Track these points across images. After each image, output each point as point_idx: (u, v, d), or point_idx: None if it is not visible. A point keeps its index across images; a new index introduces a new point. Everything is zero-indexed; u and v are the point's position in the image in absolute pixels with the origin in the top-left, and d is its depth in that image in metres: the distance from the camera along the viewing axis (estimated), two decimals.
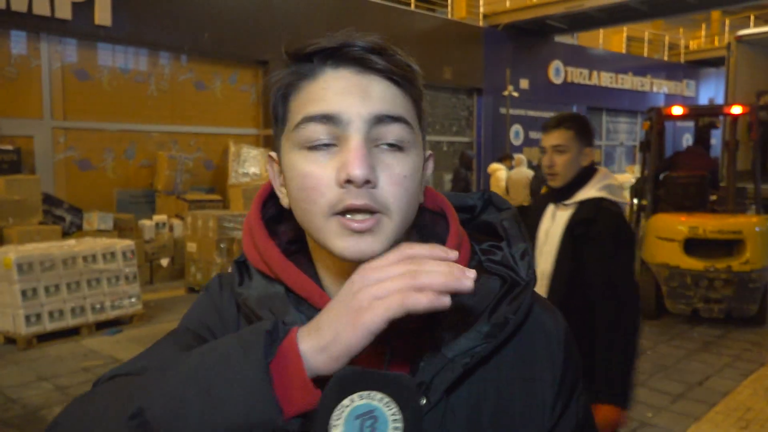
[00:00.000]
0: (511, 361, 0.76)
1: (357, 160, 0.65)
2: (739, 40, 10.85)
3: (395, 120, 0.68)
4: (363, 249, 0.68)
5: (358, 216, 0.67)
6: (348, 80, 0.68)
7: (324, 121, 0.67)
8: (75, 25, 8.56)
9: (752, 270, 5.92)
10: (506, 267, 0.77)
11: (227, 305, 0.81)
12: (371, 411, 0.64)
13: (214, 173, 10.47)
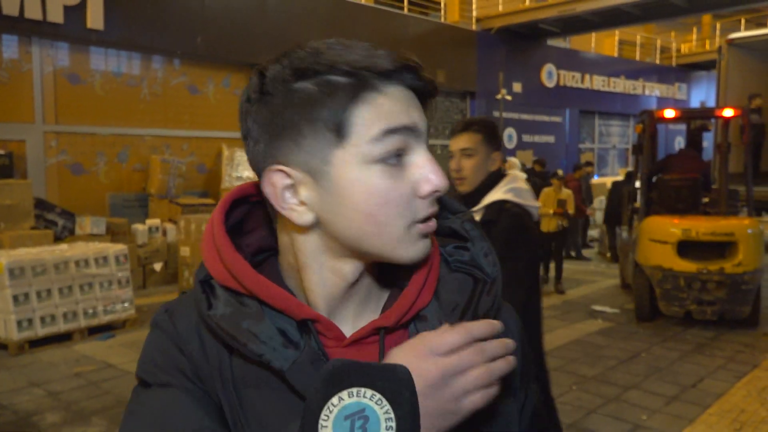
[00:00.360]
0: None
1: (439, 171, 0.69)
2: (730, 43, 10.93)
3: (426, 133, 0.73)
4: (427, 246, 0.72)
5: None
6: (407, 95, 0.70)
7: (406, 133, 0.68)
8: (67, 29, 8.53)
9: (745, 272, 5.95)
10: (474, 266, 0.79)
11: (187, 338, 0.74)
12: (362, 410, 0.62)
13: (207, 177, 10.44)
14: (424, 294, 0.74)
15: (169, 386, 0.73)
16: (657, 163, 7.37)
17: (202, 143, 10.37)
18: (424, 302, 0.74)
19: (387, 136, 0.66)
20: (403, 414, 0.62)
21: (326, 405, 0.62)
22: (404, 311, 0.72)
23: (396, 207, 0.67)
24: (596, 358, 5.41)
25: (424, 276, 0.75)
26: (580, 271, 9.93)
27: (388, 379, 0.63)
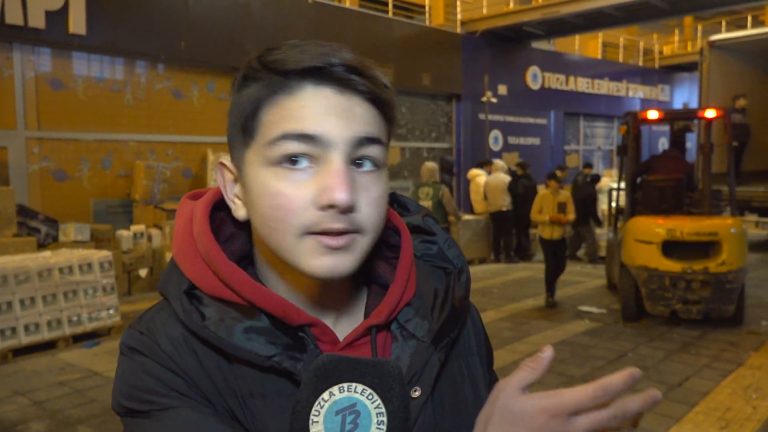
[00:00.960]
0: (467, 337, 0.82)
1: (342, 185, 0.63)
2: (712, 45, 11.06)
3: (374, 142, 0.67)
4: (337, 265, 0.66)
5: (336, 234, 0.65)
6: (330, 100, 0.65)
7: (304, 140, 0.64)
8: (49, 34, 8.45)
9: (729, 271, 6.01)
10: (442, 258, 0.81)
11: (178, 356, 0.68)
12: (353, 405, 0.62)
13: (193, 182, 10.37)
14: (409, 288, 0.76)
15: (173, 408, 0.66)
16: (641, 164, 7.43)
17: (186, 148, 10.31)
18: (408, 296, 0.76)
19: (283, 141, 0.65)
20: (394, 408, 0.62)
21: (317, 400, 0.62)
22: (393, 308, 0.73)
23: (286, 212, 0.64)
24: (584, 359, 5.44)
25: (407, 271, 0.76)
26: (566, 272, 9.97)
27: (379, 375, 0.63)
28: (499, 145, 15.85)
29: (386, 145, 0.70)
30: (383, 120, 0.70)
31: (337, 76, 0.65)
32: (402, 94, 13.38)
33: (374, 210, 0.67)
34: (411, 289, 0.76)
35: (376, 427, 0.61)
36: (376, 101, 0.68)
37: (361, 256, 0.68)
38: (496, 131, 15.76)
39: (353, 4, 13.15)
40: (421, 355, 0.72)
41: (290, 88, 0.66)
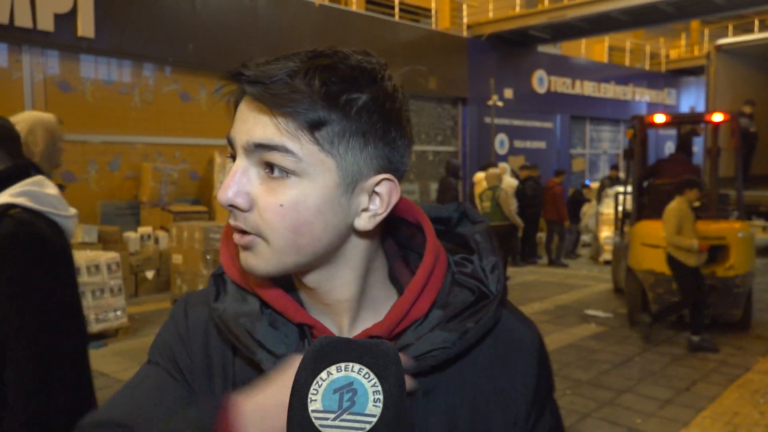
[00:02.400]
0: (486, 373, 0.78)
1: (225, 185, 0.69)
2: (719, 49, 11.04)
3: (272, 148, 0.67)
4: (247, 262, 0.71)
5: (237, 233, 0.71)
6: (246, 105, 0.70)
7: (229, 143, 0.72)
8: (57, 37, 8.50)
9: (736, 275, 5.98)
10: (476, 279, 0.78)
11: (193, 331, 0.81)
12: (350, 383, 0.64)
13: (200, 184, 10.41)
14: (419, 304, 0.74)
15: (157, 364, 0.81)
16: (647, 168, 7.42)
17: (194, 151, 10.34)
18: (420, 312, 0.74)
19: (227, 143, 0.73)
20: (389, 387, 0.64)
21: (315, 380, 0.65)
22: (396, 321, 0.73)
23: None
24: (590, 362, 5.43)
25: (419, 285, 0.74)
26: (572, 275, 9.96)
27: (375, 355, 0.65)
28: (505, 148, 15.84)
29: (303, 153, 0.67)
30: (293, 127, 0.66)
31: (248, 83, 0.67)
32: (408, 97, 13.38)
33: (270, 216, 0.67)
34: (424, 305, 0.75)
35: (372, 404, 0.64)
36: (277, 110, 0.66)
37: (269, 262, 0.70)
38: (502, 135, 15.75)
39: (360, 8, 13.18)
40: None
41: (241, 94, 0.72)
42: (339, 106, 0.66)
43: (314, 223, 0.68)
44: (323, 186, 0.68)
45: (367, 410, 0.64)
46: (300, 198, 0.67)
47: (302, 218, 0.68)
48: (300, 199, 0.67)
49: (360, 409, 0.64)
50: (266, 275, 0.71)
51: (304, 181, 0.67)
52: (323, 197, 0.68)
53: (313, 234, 0.69)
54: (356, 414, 0.64)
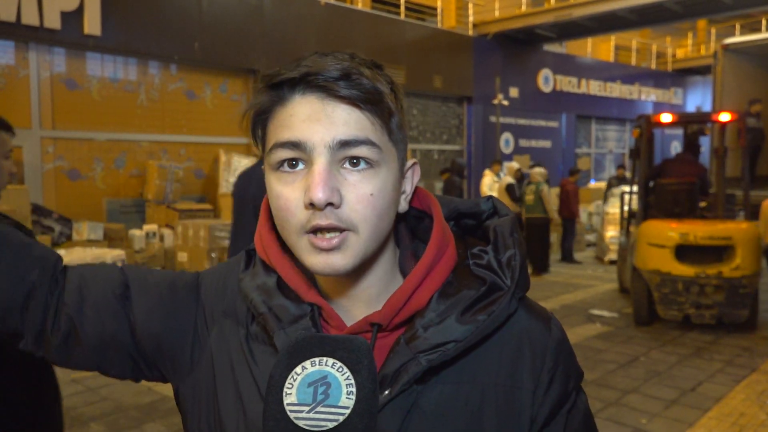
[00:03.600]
0: (490, 366, 0.77)
1: (318, 185, 0.69)
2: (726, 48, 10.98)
3: (359, 143, 0.71)
4: (331, 264, 0.72)
5: (327, 234, 0.71)
6: (313, 107, 0.71)
7: (291, 146, 0.71)
8: (64, 35, 8.52)
9: (743, 276, 5.96)
10: (491, 271, 0.78)
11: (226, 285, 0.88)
12: (324, 377, 0.67)
13: (205, 182, 10.43)
14: (419, 294, 0.76)
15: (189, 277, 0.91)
16: (654, 168, 7.39)
17: (199, 149, 10.36)
18: (420, 303, 0.76)
19: (276, 149, 0.72)
20: (362, 380, 0.66)
21: (290, 374, 0.67)
22: (395, 310, 0.75)
23: (285, 212, 0.72)
24: (595, 362, 5.41)
25: (419, 276, 0.76)
26: (577, 275, 9.94)
27: (348, 349, 0.68)
28: (510, 147, 15.81)
29: (382, 144, 0.73)
30: (374, 120, 0.72)
31: (318, 84, 0.71)
32: (413, 96, 13.39)
33: (362, 206, 0.71)
34: (424, 295, 0.76)
35: (346, 397, 0.66)
36: (360, 104, 0.71)
37: (356, 254, 0.72)
38: (507, 134, 15.73)
39: (365, 6, 13.17)
40: (399, 357, 0.74)
41: (283, 99, 0.73)
42: (398, 100, 0.75)
43: (391, 207, 0.75)
44: (393, 173, 0.75)
45: (341, 402, 0.66)
46: (382, 186, 0.73)
47: (385, 204, 0.73)
48: (382, 187, 0.73)
49: (334, 402, 0.66)
50: (349, 271, 0.73)
51: (382, 170, 0.73)
52: (394, 183, 0.75)
53: (389, 219, 0.75)
54: (330, 406, 0.66)
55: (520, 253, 0.78)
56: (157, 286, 0.88)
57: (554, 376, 0.79)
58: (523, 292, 0.79)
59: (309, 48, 11.25)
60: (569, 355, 0.83)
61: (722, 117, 6.84)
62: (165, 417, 4.21)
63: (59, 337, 0.84)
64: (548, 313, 0.84)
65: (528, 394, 0.77)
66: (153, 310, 0.85)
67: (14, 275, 0.81)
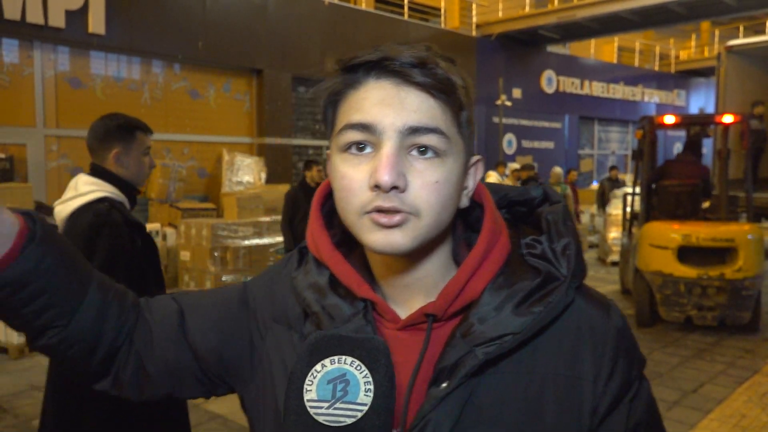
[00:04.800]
0: (549, 357, 0.75)
1: (385, 168, 0.69)
2: (729, 50, 10.97)
3: (429, 131, 0.71)
4: (391, 241, 0.71)
5: (389, 213, 0.71)
6: (387, 91, 0.72)
7: (361, 129, 0.72)
8: (68, 34, 8.55)
9: (745, 278, 5.95)
10: (546, 261, 0.77)
11: (278, 290, 0.89)
12: (343, 375, 0.69)
13: (208, 181, 10.45)
14: (473, 284, 0.76)
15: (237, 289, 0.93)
16: (656, 169, 7.38)
17: (202, 147, 10.38)
18: (474, 293, 0.75)
19: (346, 130, 0.73)
20: (380, 378, 0.68)
21: (310, 371, 0.70)
22: (449, 300, 0.75)
23: (349, 192, 0.72)
24: None
25: (472, 266, 0.76)
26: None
27: (366, 348, 0.70)
28: (512, 148, 15.81)
29: (451, 135, 0.73)
30: (445, 110, 0.72)
31: (394, 69, 0.71)
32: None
33: (427, 193, 0.71)
34: (478, 285, 0.75)
35: (364, 394, 0.68)
36: (433, 93, 0.71)
37: (417, 236, 0.72)
38: (510, 135, 15.73)
39: (369, 6, 13.19)
40: (457, 350, 0.72)
41: (357, 82, 0.74)
42: (469, 95, 0.75)
43: (454, 198, 0.75)
44: (459, 165, 0.75)
45: (359, 399, 0.68)
46: (448, 176, 0.73)
47: (449, 194, 0.73)
48: (448, 177, 0.73)
49: (352, 398, 0.68)
50: (409, 252, 0.73)
51: (448, 161, 0.73)
52: (459, 175, 0.75)
53: (452, 209, 0.75)
54: (348, 402, 0.68)
55: (575, 241, 0.78)
56: (209, 306, 0.91)
57: (616, 364, 0.77)
58: (580, 280, 0.77)
59: (313, 48, 11.27)
60: (630, 342, 0.81)
61: (725, 119, 6.83)
62: None
63: (129, 373, 0.87)
64: (607, 300, 0.81)
65: (589, 384, 0.75)
66: (209, 330, 0.89)
67: (100, 318, 0.83)
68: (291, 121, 11.22)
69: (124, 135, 2.29)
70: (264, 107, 10.79)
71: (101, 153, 2.30)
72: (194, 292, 0.96)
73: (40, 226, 0.77)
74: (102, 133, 2.30)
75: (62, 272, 0.78)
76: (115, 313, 0.84)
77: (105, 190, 2.21)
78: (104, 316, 0.83)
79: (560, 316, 0.75)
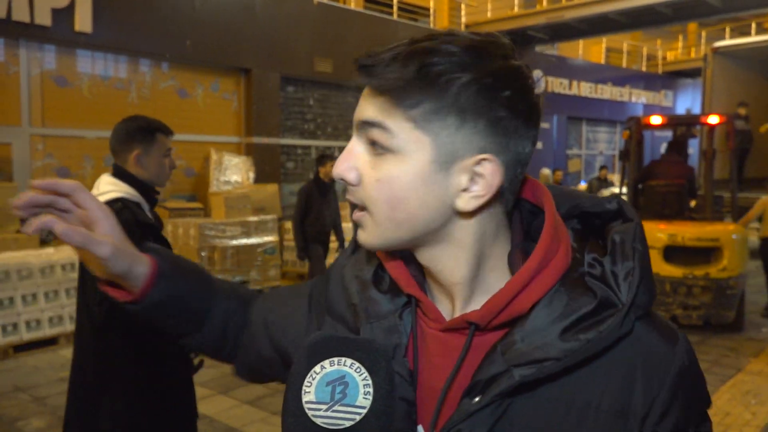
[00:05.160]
0: (593, 390, 0.68)
1: (338, 161, 0.73)
2: (716, 51, 11.07)
3: (372, 125, 0.71)
4: (359, 237, 0.75)
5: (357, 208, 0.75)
6: (365, 90, 0.73)
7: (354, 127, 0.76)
8: (55, 32, 8.48)
9: (730, 277, 6.01)
10: (605, 285, 0.69)
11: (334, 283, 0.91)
12: (342, 377, 0.68)
13: (196, 181, 10.40)
14: (521, 299, 0.70)
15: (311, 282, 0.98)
16: (642, 170, 7.44)
17: (190, 147, 10.33)
18: (522, 308, 0.70)
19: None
20: (380, 380, 0.68)
21: (309, 372, 0.69)
22: (493, 312, 0.70)
23: None
24: None
25: (523, 280, 0.70)
26: None
27: (367, 351, 0.70)
28: None
29: (394, 130, 0.69)
30: (393, 106, 0.69)
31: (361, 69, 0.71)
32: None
33: (371, 190, 0.71)
34: (526, 301, 0.70)
35: (363, 397, 0.67)
36: (380, 91, 0.70)
37: (376, 235, 0.73)
38: None
39: (358, 6, 13.18)
40: (494, 366, 0.68)
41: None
42: (435, 86, 0.67)
43: (409, 198, 0.70)
44: (418, 162, 0.69)
45: (358, 402, 0.67)
46: (395, 173, 0.70)
47: (397, 193, 0.70)
48: (394, 175, 0.70)
49: (351, 401, 0.67)
50: (374, 249, 0.75)
51: (400, 158, 0.69)
52: (417, 173, 0.69)
53: (408, 209, 0.70)
54: (347, 405, 0.67)
55: (640, 266, 0.69)
56: (287, 301, 0.98)
57: (671, 406, 0.68)
58: (643, 311, 0.69)
59: (302, 47, 11.25)
60: (694, 384, 0.72)
61: (711, 119, 6.90)
62: None
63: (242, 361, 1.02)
64: (676, 335, 0.72)
65: (636, 423, 0.68)
66: (283, 326, 0.95)
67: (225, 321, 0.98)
68: (279, 120, 11.18)
69: (145, 136, 2.39)
70: (252, 107, 10.75)
71: (123, 155, 2.39)
72: (282, 289, 1.04)
73: (167, 261, 0.90)
74: (123, 135, 2.39)
75: (189, 293, 0.93)
76: (239, 314, 0.99)
77: (121, 191, 2.30)
78: (228, 319, 0.98)
79: (614, 346, 0.68)
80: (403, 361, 0.74)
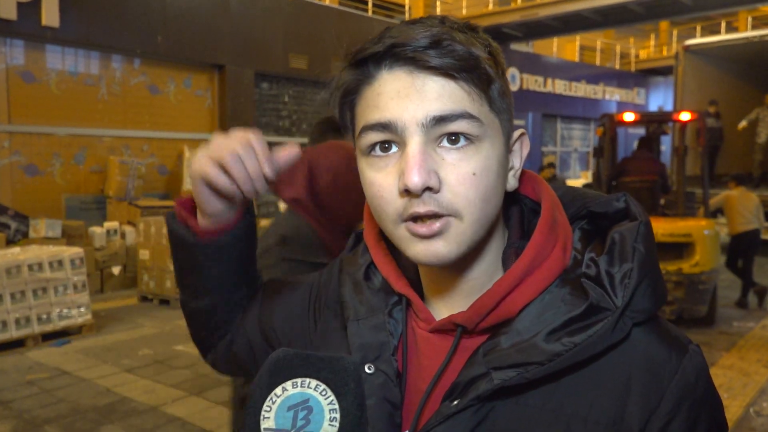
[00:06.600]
0: (583, 398, 0.63)
1: (413, 168, 0.60)
2: (687, 49, 11.23)
3: (457, 117, 0.62)
4: (434, 252, 0.63)
5: (427, 220, 0.63)
6: (402, 81, 0.63)
7: (381, 129, 0.64)
8: (21, 26, 8.27)
9: (702, 272, 6.08)
10: (600, 286, 0.64)
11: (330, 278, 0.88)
12: (306, 401, 0.62)
13: (168, 179, 10.25)
14: (509, 301, 0.66)
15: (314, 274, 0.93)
16: (615, 166, 7.50)
17: (162, 144, 10.17)
18: (510, 311, 0.66)
19: (365, 132, 0.65)
20: (348, 405, 0.62)
21: (269, 395, 0.63)
22: (480, 314, 0.66)
23: (381, 200, 0.65)
24: None
25: (511, 281, 0.66)
26: None
27: (334, 370, 0.63)
28: None
29: (482, 116, 0.63)
30: (471, 89, 0.63)
31: (406, 56, 0.62)
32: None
33: (465, 188, 0.62)
34: (515, 303, 0.66)
35: (328, 424, 0.61)
36: (454, 74, 0.62)
37: (462, 242, 0.64)
38: None
39: (333, 2, 13.11)
40: (473, 369, 0.65)
41: (370, 77, 0.66)
42: (498, 65, 0.66)
43: (497, 187, 0.66)
44: (499, 147, 0.66)
45: (322, 429, 0.61)
46: (486, 163, 0.64)
47: (491, 184, 0.64)
48: (487, 164, 0.64)
49: (315, 428, 0.61)
50: (454, 260, 0.64)
51: (485, 145, 0.64)
52: (500, 159, 0.66)
53: (496, 200, 0.66)
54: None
55: (640, 267, 0.64)
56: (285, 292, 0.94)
57: (671, 420, 0.62)
58: (644, 316, 0.64)
59: (276, 43, 11.15)
60: (703, 401, 0.64)
61: (683, 116, 6.97)
62: (124, 419, 4.11)
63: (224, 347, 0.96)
64: (685, 347, 0.65)
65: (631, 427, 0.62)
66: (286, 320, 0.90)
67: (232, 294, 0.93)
68: (254, 117, 11.07)
69: None
70: (226, 103, 10.62)
71: None
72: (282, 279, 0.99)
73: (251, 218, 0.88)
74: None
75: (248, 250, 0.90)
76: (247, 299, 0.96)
77: None
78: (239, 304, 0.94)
79: (609, 352, 0.63)
80: (391, 360, 0.70)
